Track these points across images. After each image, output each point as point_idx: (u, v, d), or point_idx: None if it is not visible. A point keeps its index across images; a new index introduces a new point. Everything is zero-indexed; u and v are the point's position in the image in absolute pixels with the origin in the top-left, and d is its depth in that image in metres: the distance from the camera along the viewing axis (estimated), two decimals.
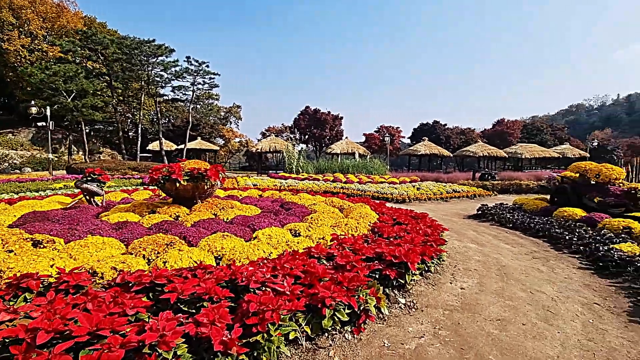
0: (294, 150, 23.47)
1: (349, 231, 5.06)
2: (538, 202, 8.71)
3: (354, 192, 13.31)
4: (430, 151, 32.35)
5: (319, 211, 6.69)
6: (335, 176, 18.57)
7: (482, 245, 6.04)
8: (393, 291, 3.57)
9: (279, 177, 18.49)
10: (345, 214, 7.05)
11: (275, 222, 5.46)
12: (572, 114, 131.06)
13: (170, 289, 2.61)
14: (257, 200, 8.37)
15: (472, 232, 7.18)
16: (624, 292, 3.91)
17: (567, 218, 7.28)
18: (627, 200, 7.23)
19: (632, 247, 4.99)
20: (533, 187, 16.68)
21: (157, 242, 3.89)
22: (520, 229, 7.28)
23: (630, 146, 61.48)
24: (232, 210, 6.28)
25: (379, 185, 14.66)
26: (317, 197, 9.02)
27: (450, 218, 8.88)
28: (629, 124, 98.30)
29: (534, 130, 52.78)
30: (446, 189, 13.59)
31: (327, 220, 5.68)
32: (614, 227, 6.24)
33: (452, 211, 10.16)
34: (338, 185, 14.90)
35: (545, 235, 6.55)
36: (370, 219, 5.93)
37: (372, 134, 45.08)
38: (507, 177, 21.44)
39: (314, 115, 43.09)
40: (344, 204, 7.81)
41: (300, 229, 5.02)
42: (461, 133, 49.11)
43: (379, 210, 6.98)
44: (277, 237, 4.48)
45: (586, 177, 8.05)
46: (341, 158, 27.11)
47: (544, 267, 4.83)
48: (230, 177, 21.15)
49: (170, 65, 26.16)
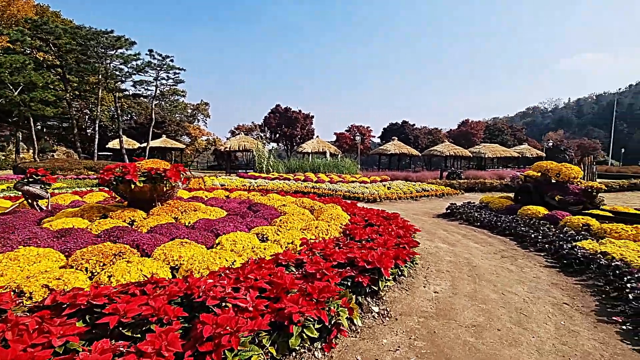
0: (264, 149, 22.92)
1: (320, 234, 4.82)
2: (503, 201, 8.95)
3: (325, 191, 13.13)
4: (399, 150, 32.95)
5: (288, 213, 6.41)
6: (306, 175, 18.31)
7: (452, 245, 6.04)
8: (366, 299, 3.37)
9: (249, 176, 17.95)
10: (316, 216, 6.82)
11: (241, 226, 5.12)
12: (529, 116, 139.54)
13: (111, 311, 2.23)
14: (224, 201, 7.94)
15: (442, 231, 7.20)
16: (589, 290, 3.97)
17: (531, 216, 7.50)
18: (584, 198, 7.57)
19: (592, 244, 5.15)
20: (496, 185, 17.35)
21: (103, 252, 3.44)
22: (487, 228, 7.40)
23: (579, 146, 66.49)
24: (195, 214, 5.85)
25: (350, 185, 14.58)
26: (287, 198, 8.73)
27: (421, 217, 8.91)
28: (578, 125, 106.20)
29: (495, 131, 55.46)
30: (416, 188, 13.76)
31: (296, 222, 5.41)
32: (574, 224, 6.48)
33: (422, 210, 10.24)
34: (309, 185, 14.65)
35: (512, 234, 6.69)
36: (341, 221, 5.73)
37: (343, 133, 45.28)
38: (472, 176, 22.22)
39: (285, 114, 42.54)
40: (314, 205, 7.58)
41: (268, 233, 4.72)
42: (429, 133, 50.59)
43: (351, 211, 6.81)
44: (242, 243, 4.16)
45: (547, 176, 8.36)
46: (312, 157, 26.88)
47: (513, 267, 4.86)
48: (197, 177, 20.27)
49: (130, 59, 24.54)
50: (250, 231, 4.89)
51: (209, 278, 2.96)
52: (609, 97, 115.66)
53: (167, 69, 26.21)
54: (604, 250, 4.73)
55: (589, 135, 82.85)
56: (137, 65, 25.30)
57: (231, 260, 3.51)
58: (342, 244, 4.33)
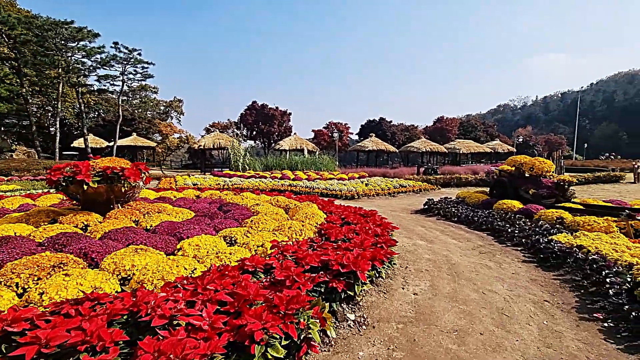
0: (239, 147, 22.28)
1: (293, 235, 4.52)
2: (479, 196, 8.97)
3: (302, 189, 12.82)
4: (377, 147, 33.08)
5: (261, 213, 6.07)
6: (283, 173, 17.92)
7: (430, 242, 5.90)
8: (341, 305, 3.11)
9: (224, 175, 17.34)
10: (291, 215, 6.52)
11: (208, 228, 4.73)
12: (500, 113, 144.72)
13: (29, 340, 1.84)
14: (193, 202, 7.48)
15: (420, 227, 7.08)
16: (567, 285, 3.89)
17: (507, 210, 7.51)
18: (557, 191, 7.67)
19: (567, 237, 5.14)
20: (471, 180, 17.65)
21: (40, 264, 2.99)
22: (465, 223, 7.35)
23: (547, 141, 69.61)
24: (159, 216, 5.39)
25: (327, 182, 14.34)
26: (262, 197, 8.36)
27: (399, 214, 8.79)
28: (545, 122, 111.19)
29: (469, 128, 56.95)
30: (393, 184, 13.71)
31: (269, 223, 5.08)
32: (548, 217, 6.51)
33: (400, 206, 10.14)
34: (286, 182, 14.29)
35: (489, 229, 6.65)
36: (317, 220, 5.45)
37: (321, 130, 45.01)
38: (447, 172, 22.58)
39: (262, 111, 41.72)
40: (289, 204, 7.26)
41: (237, 235, 4.37)
42: (405, 130, 51.23)
43: (327, 209, 6.55)
44: (206, 248, 3.79)
45: (521, 170, 8.43)
46: (290, 154, 26.48)
47: (492, 263, 4.75)
48: (169, 176, 19.40)
49: (94, 52, 23.02)
50: (218, 234, 4.52)
51: (163, 291, 2.60)
52: (572, 95, 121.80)
53: (135, 62, 24.85)
54: (580, 243, 4.70)
55: (555, 131, 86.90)
56: (101, 59, 23.84)
57: (191, 268, 3.15)
58: (317, 245, 4.05)
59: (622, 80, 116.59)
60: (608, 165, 35.67)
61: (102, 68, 24.34)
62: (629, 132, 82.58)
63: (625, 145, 79.16)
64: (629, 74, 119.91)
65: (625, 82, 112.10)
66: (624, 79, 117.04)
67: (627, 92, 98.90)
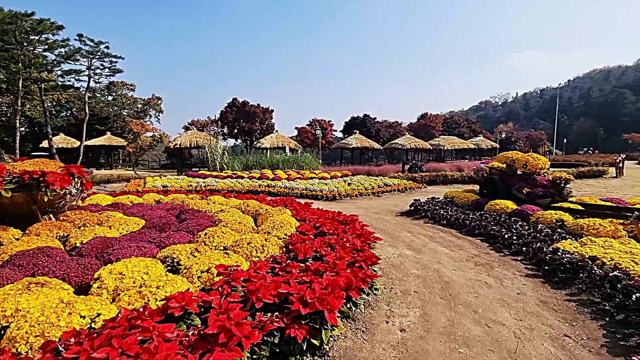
0: (217, 145, 21.15)
1: (253, 253, 3.66)
2: (469, 195, 8.32)
3: (280, 190, 11.94)
4: (361, 144, 32.43)
5: (224, 221, 5.20)
6: (262, 173, 16.98)
7: (419, 251, 5.15)
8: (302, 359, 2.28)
9: (198, 175, 16.25)
10: (260, 222, 5.69)
11: (149, 246, 3.82)
12: (482, 110, 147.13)
13: None
14: (150, 208, 6.50)
15: (406, 233, 6.33)
16: (586, 310, 3.19)
17: (500, 212, 6.87)
18: (553, 190, 7.08)
19: (574, 245, 4.47)
20: (457, 177, 17.14)
21: None
22: (455, 227, 6.65)
23: (528, 137, 70.96)
24: (93, 230, 4.43)
25: (308, 182, 13.51)
26: (232, 201, 7.46)
27: (383, 217, 8.04)
28: (526, 118, 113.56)
29: (452, 124, 57.16)
30: (377, 183, 13.00)
31: (227, 236, 4.21)
32: (547, 220, 5.87)
33: (384, 208, 9.41)
34: (264, 183, 13.38)
35: (482, 234, 5.96)
36: (286, 230, 4.60)
37: (305, 128, 44.07)
38: (433, 169, 22.10)
39: (243, 108, 40.39)
40: (260, 209, 6.40)
41: (182, 255, 3.48)
42: (390, 126, 50.87)
43: (301, 215, 5.71)
44: (133, 277, 2.89)
45: (513, 167, 7.82)
46: (271, 153, 25.48)
47: (491, 279, 4.03)
48: (141, 177, 18.12)
49: (56, 45, 21.28)
50: (160, 253, 3.62)
51: None
52: (551, 91, 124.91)
53: (102, 56, 23.21)
54: (592, 254, 4.03)
55: (536, 127, 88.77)
56: (65, 53, 22.12)
57: (92, 314, 2.25)
58: (279, 268, 3.21)
59: (598, 77, 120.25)
60: (588, 159, 36.19)
61: (66, 62, 22.64)
62: (605, 127, 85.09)
63: (602, 140, 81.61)
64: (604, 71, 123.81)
65: (600, 79, 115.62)
66: (599, 76, 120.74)
67: (603, 89, 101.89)
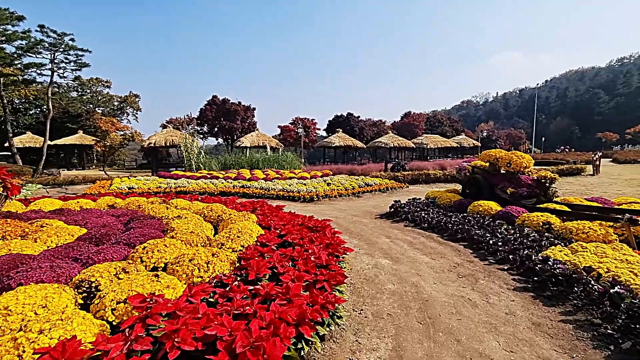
0: (193, 144, 20.18)
1: (195, 272, 3.03)
2: (451, 196, 7.89)
3: (255, 191, 11.27)
4: (344, 143, 31.98)
5: (176, 229, 4.55)
6: (239, 172, 16.23)
7: (397, 260, 4.63)
8: None
9: (171, 176, 15.36)
10: (221, 229, 5.06)
11: (67, 266, 3.13)
12: (464, 109, 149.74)
13: None
14: (99, 215, 5.74)
15: (384, 239, 5.82)
16: (586, 334, 2.72)
17: (483, 214, 6.45)
18: (538, 190, 6.71)
19: (565, 252, 4.04)
20: (440, 176, 16.87)
21: None
22: (436, 230, 6.18)
23: (508, 136, 72.35)
24: (9, 244, 3.70)
25: (286, 182, 12.88)
26: (195, 205, 6.78)
27: (361, 219, 7.52)
28: (505, 117, 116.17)
29: (435, 123, 57.53)
30: (358, 183, 12.50)
31: (170, 250, 3.56)
32: (533, 223, 5.47)
33: (363, 209, 8.89)
34: (239, 184, 12.66)
35: (465, 238, 5.50)
36: (243, 241, 3.98)
37: (287, 126, 43.25)
38: (416, 167, 21.85)
39: (223, 106, 39.19)
40: (224, 214, 5.75)
41: (103, 279, 2.83)
42: (374, 125, 50.66)
43: (267, 222, 5.10)
44: (22, 314, 2.22)
45: (497, 166, 7.43)
46: (251, 152, 24.68)
47: (476, 294, 3.53)
48: (110, 177, 17.02)
49: (15, 37, 19.73)
50: (78, 276, 2.93)
51: None
52: (529, 91, 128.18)
53: (66, 49, 21.76)
54: (585, 264, 3.59)
55: (515, 125, 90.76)
56: (25, 45, 20.59)
57: None
58: (219, 294, 2.60)
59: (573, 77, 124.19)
60: (565, 157, 36.95)
61: (26, 55, 21.08)
62: (580, 126, 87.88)
63: (577, 139, 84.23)
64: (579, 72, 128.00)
65: (576, 80, 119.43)
66: (574, 77, 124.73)
67: (578, 89, 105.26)
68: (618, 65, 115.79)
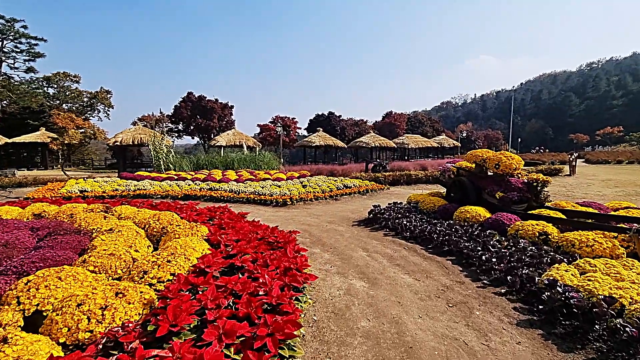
0: (162, 143, 18.85)
1: (80, 326, 2.11)
2: (435, 200, 7.21)
3: (224, 194, 10.27)
4: (325, 142, 31.22)
5: (98, 248, 3.57)
6: (210, 173, 15.14)
7: (374, 283, 3.83)
8: None
9: (133, 177, 14.09)
10: (162, 244, 4.13)
11: None
12: (444, 110, 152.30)
13: None
14: (14, 227, 4.65)
15: (361, 252, 5.02)
16: None
17: (471, 221, 5.77)
18: (529, 194, 6.10)
19: (573, 273, 3.35)
20: (421, 177, 16.36)
21: None
22: (420, 241, 5.45)
23: (486, 137, 73.83)
24: None
25: (260, 184, 11.93)
26: (142, 213, 5.77)
27: (337, 227, 6.71)
28: (483, 118, 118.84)
29: (416, 123, 57.77)
30: (336, 185, 11.71)
31: (62, 287, 2.60)
32: (528, 233, 4.81)
33: (340, 214, 8.10)
34: (207, 186, 11.61)
35: (453, 252, 4.78)
36: (175, 266, 3.07)
37: (267, 125, 42.06)
38: (397, 168, 21.34)
39: (199, 103, 37.56)
40: (169, 225, 4.80)
41: None
42: (355, 124, 50.22)
43: (216, 237, 4.18)
44: None
45: (484, 167, 6.80)
46: (226, 151, 23.51)
47: (473, 334, 2.77)
48: (64, 179, 15.48)
49: None
50: None
51: None
52: (505, 93, 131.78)
53: (17, 37, 19.88)
54: (602, 292, 2.90)
55: (493, 127, 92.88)
56: None
57: None
58: None
59: (547, 80, 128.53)
60: (541, 158, 37.61)
61: None
62: (554, 128, 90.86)
63: (551, 140, 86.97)
64: (551, 75, 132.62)
65: (549, 83, 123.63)
66: (547, 80, 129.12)
67: (551, 92, 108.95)
68: (587, 69, 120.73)
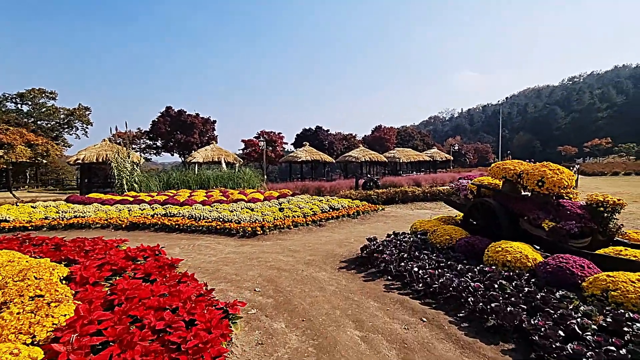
0: (125, 160, 16.67)
1: None
2: (450, 230, 5.28)
3: (180, 221, 8.17)
4: (312, 157, 29.40)
5: None
6: (175, 194, 13.02)
7: None
8: None
9: (82, 201, 11.86)
10: None
11: None
12: (431, 124, 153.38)
13: None
14: None
15: (352, 331, 3.03)
16: None
17: (514, 265, 3.86)
18: (593, 223, 4.23)
19: None
20: (418, 194, 14.53)
21: None
22: (443, 303, 3.49)
23: (475, 150, 73.43)
24: None
25: (229, 207, 9.89)
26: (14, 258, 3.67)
27: (317, 273, 4.71)
28: (471, 132, 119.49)
29: (406, 137, 56.75)
30: (321, 207, 9.72)
31: None
32: (627, 297, 2.90)
33: (324, 249, 6.10)
34: (163, 211, 9.50)
35: (504, 328, 2.83)
36: None
37: (252, 140, 40.15)
38: (389, 183, 19.53)
39: (178, 118, 35.50)
40: (40, 283, 2.74)
41: None
42: (344, 139, 48.77)
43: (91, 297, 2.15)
44: None
45: (519, 185, 4.94)
46: (203, 168, 21.43)
47: None
48: (19, 201, 13.18)
49: None
50: None
51: None
52: (492, 107, 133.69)
53: None
54: None
55: (481, 140, 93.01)
56: None
57: None
58: None
59: (531, 94, 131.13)
60: None
61: None
62: (541, 140, 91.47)
63: (539, 152, 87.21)
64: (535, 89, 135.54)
65: (534, 97, 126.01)
66: (532, 94, 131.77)
67: (537, 105, 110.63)
68: (570, 83, 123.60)
